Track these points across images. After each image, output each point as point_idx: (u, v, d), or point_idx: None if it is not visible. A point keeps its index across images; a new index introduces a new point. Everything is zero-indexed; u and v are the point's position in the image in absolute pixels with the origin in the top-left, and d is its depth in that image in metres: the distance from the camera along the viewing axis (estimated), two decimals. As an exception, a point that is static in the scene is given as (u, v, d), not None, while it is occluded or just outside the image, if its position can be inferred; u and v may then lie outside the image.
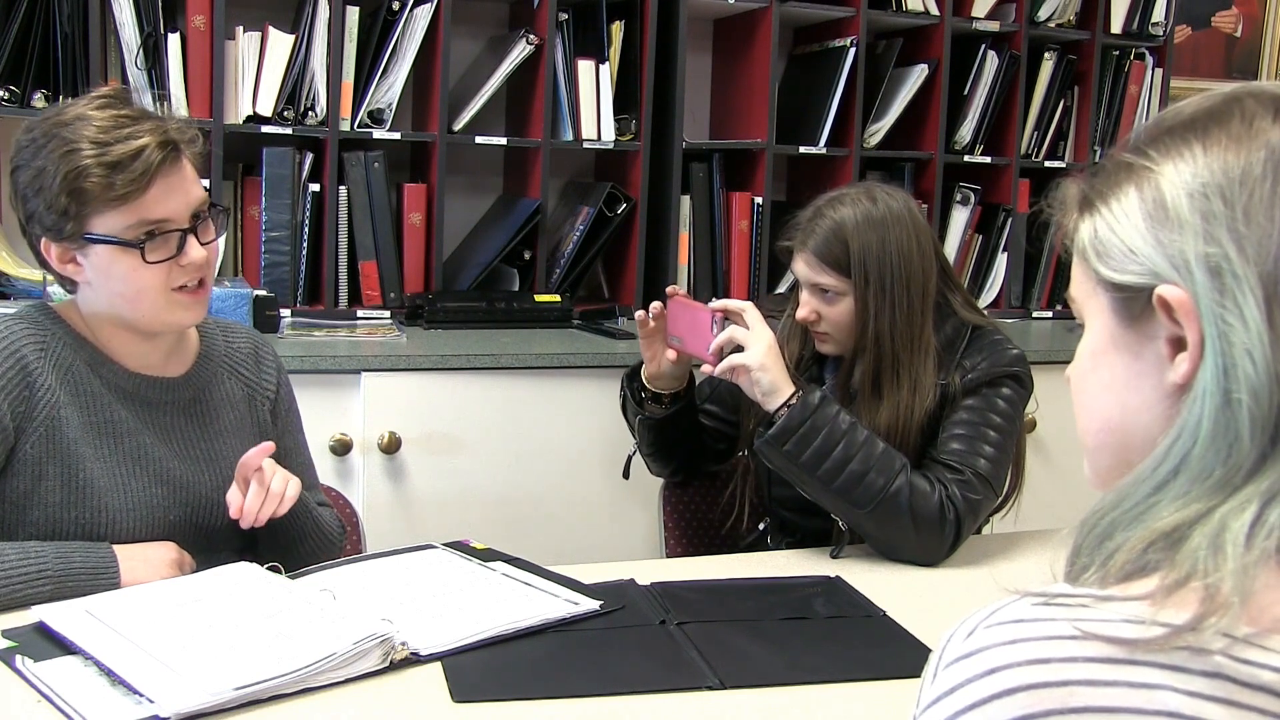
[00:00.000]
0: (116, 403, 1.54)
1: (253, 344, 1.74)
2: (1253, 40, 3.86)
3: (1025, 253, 3.32)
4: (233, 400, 1.67)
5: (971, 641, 0.65)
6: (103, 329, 1.55)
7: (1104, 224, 0.72)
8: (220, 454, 1.63)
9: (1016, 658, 0.63)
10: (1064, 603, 0.65)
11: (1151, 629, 0.61)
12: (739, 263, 3.06)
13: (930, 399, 1.82)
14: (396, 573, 1.57)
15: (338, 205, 2.74)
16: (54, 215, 1.45)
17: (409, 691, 1.27)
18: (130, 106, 1.50)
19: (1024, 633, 0.64)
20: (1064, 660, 0.62)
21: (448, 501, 2.44)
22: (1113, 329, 0.72)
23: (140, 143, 1.44)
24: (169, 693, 1.17)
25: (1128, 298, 0.70)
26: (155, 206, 1.46)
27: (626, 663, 1.35)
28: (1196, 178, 0.67)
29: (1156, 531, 0.65)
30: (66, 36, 2.51)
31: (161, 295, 1.49)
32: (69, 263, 1.50)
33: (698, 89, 3.22)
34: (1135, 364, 0.71)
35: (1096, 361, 0.75)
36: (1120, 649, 0.62)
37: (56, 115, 1.48)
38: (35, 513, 1.48)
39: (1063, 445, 2.87)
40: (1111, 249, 0.71)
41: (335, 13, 2.67)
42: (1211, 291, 0.65)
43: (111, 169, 1.42)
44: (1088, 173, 0.76)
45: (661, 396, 1.95)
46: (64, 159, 1.43)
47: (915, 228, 1.83)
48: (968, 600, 1.63)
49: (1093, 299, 0.74)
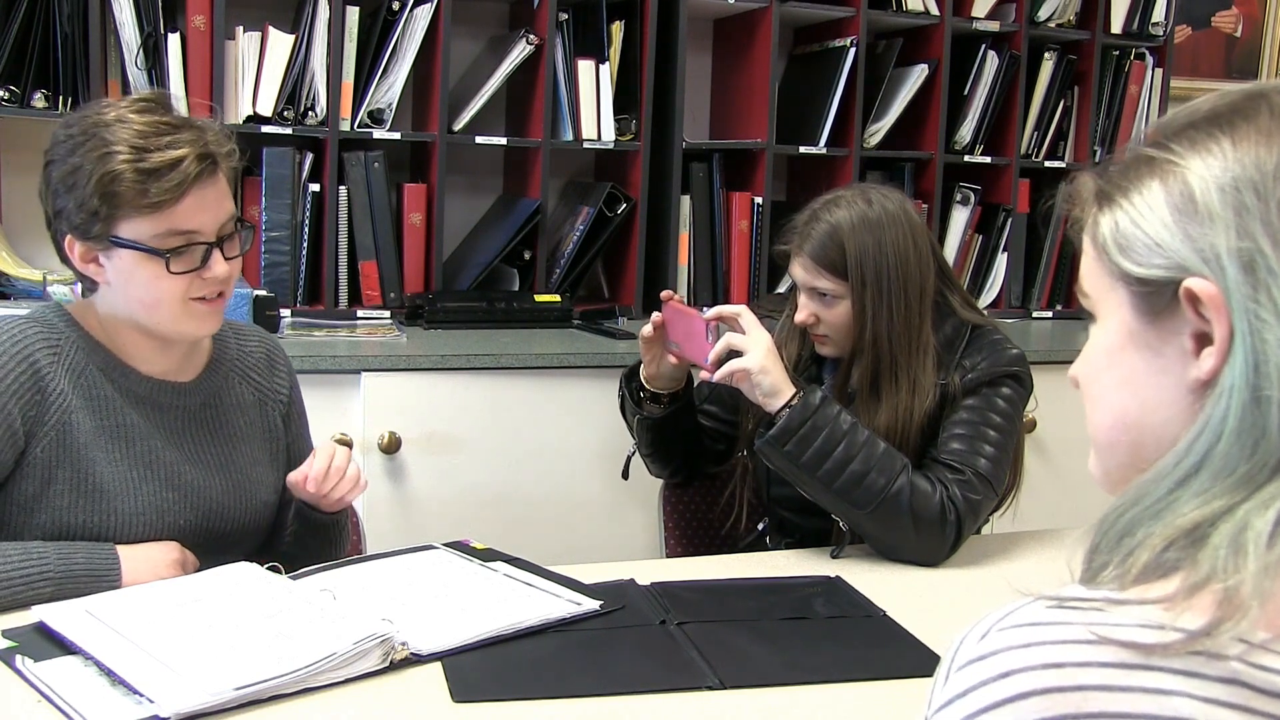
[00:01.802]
0: (128, 407, 1.54)
1: (265, 348, 1.73)
2: (1253, 40, 3.86)
3: (1025, 252, 3.33)
4: (244, 405, 1.67)
5: (985, 644, 0.65)
6: (118, 332, 1.54)
7: (1126, 217, 0.70)
8: (231, 459, 1.62)
9: (1031, 661, 0.62)
10: (1079, 606, 0.64)
11: (1167, 634, 0.61)
12: (739, 263, 3.06)
13: (930, 399, 1.82)
14: (397, 573, 1.57)
15: (338, 205, 2.74)
16: (83, 215, 1.45)
17: (409, 691, 1.27)
18: (171, 114, 1.49)
19: (1038, 636, 0.63)
20: (1079, 665, 0.61)
21: (448, 501, 2.44)
22: (1131, 324, 0.71)
23: (179, 153, 1.43)
24: (169, 693, 1.17)
25: (1150, 292, 0.69)
26: (186, 218, 1.45)
27: (626, 663, 1.35)
28: (1227, 171, 0.66)
29: (1177, 529, 0.64)
30: (66, 36, 2.51)
31: (179, 304, 1.49)
32: (91, 262, 1.49)
33: (698, 89, 3.22)
34: (1155, 360, 0.70)
35: (1112, 357, 0.73)
36: (1135, 654, 0.61)
37: (96, 114, 1.47)
38: (43, 516, 1.48)
39: (1063, 445, 2.87)
40: (1135, 242, 0.69)
41: (335, 13, 2.67)
42: (1244, 286, 0.64)
43: (147, 176, 1.42)
44: (1102, 166, 0.75)
45: (660, 396, 1.95)
46: (100, 160, 1.42)
47: (911, 228, 1.83)
48: (968, 600, 1.64)
49: (1110, 294, 0.72)
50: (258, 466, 1.66)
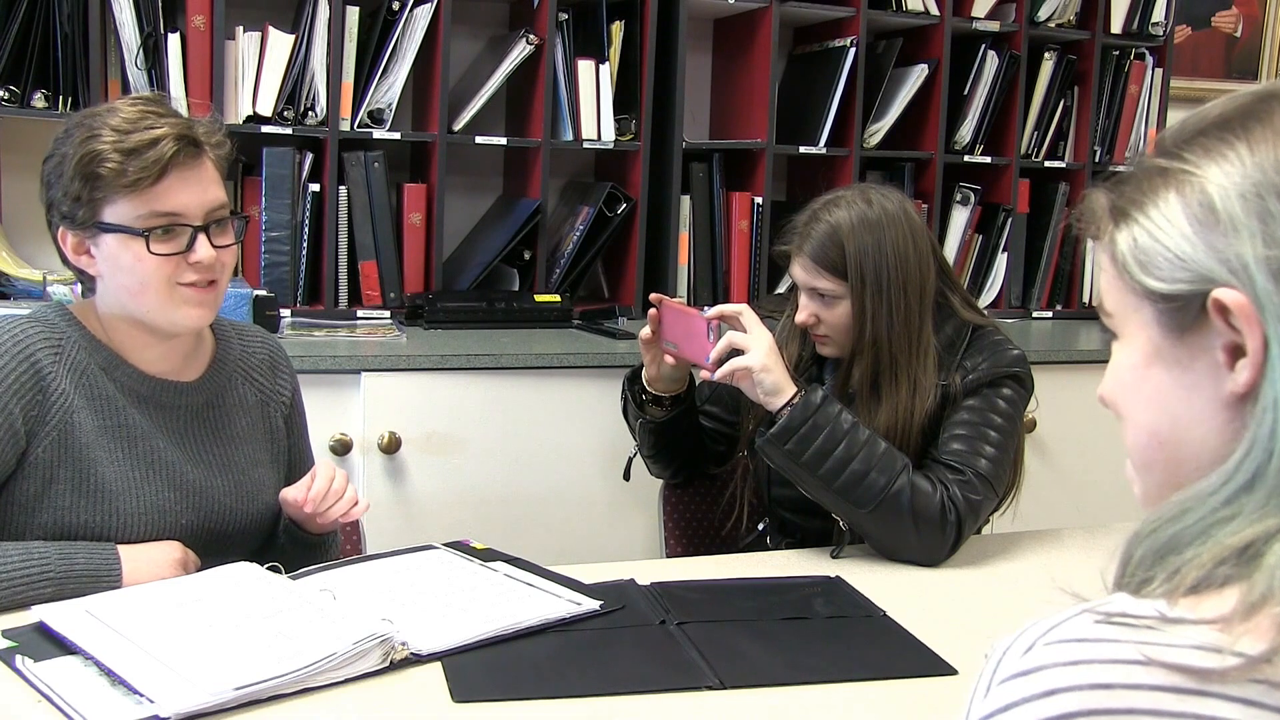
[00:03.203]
0: (130, 406, 1.54)
1: (268, 350, 1.73)
2: (1253, 40, 3.86)
3: (1025, 252, 3.33)
4: (246, 406, 1.67)
5: (1030, 659, 0.62)
6: (118, 330, 1.54)
7: (1144, 233, 0.68)
8: (233, 459, 1.62)
9: (1077, 681, 0.60)
10: (1128, 622, 0.62)
11: (1225, 659, 0.58)
12: (739, 263, 3.06)
13: (930, 399, 1.82)
14: (397, 573, 1.57)
15: (338, 205, 2.74)
16: (69, 201, 1.46)
17: (409, 691, 1.27)
18: (162, 105, 1.51)
19: (1086, 654, 0.61)
20: (1128, 687, 0.59)
21: (448, 501, 2.44)
22: (1158, 341, 0.69)
23: (158, 132, 1.44)
24: (169, 693, 1.17)
25: (1176, 307, 0.67)
26: (167, 198, 1.46)
27: (626, 663, 1.35)
28: (1247, 178, 0.64)
29: (1227, 547, 0.62)
30: (66, 36, 2.50)
31: (166, 289, 1.48)
32: (83, 254, 1.50)
33: (698, 89, 3.22)
34: (1185, 375, 0.68)
35: (1139, 375, 0.70)
36: (1189, 679, 0.58)
37: (92, 109, 1.50)
38: (44, 515, 1.48)
39: (1063, 445, 2.87)
40: (1156, 258, 0.67)
41: (335, 13, 2.67)
42: (1275, 295, 0.62)
43: (126, 155, 1.43)
44: (1113, 181, 0.72)
45: (662, 399, 1.95)
46: (83, 143, 1.44)
47: (911, 228, 1.83)
48: (968, 600, 1.64)
49: (1134, 312, 0.70)
50: (259, 467, 1.66)
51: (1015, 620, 0.66)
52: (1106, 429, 3.31)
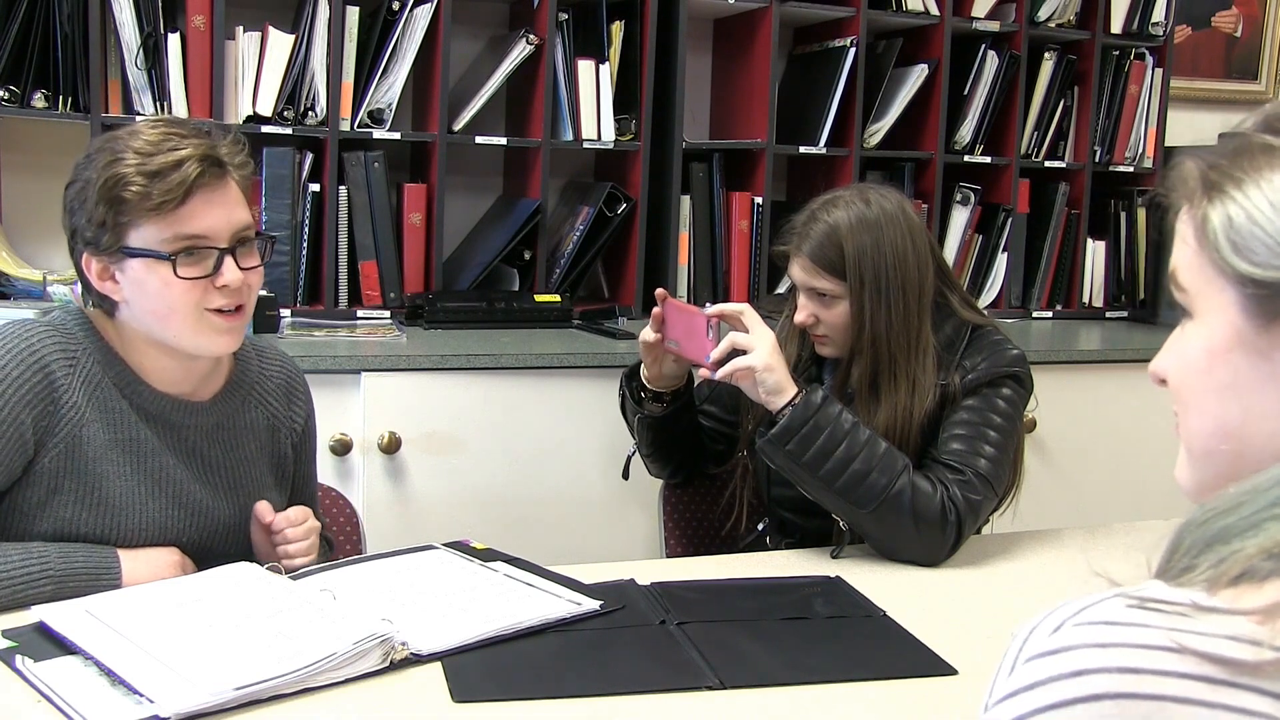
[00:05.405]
0: (140, 422, 1.52)
1: (286, 374, 1.72)
2: (1253, 40, 3.86)
3: (1025, 252, 3.33)
4: (256, 429, 1.65)
5: (1058, 638, 0.61)
6: (136, 348, 1.52)
7: (1241, 212, 0.65)
8: (240, 481, 1.62)
9: (1107, 663, 0.59)
10: (1161, 609, 0.60)
11: (1263, 651, 0.57)
12: (739, 263, 3.06)
13: (930, 399, 1.82)
14: (397, 573, 1.57)
15: (338, 205, 2.74)
16: (93, 227, 1.44)
17: (409, 691, 1.27)
18: (184, 126, 1.49)
19: (1116, 637, 0.59)
20: (1158, 673, 0.58)
21: (448, 501, 2.44)
22: (1240, 326, 0.65)
23: (182, 154, 1.42)
24: (169, 693, 1.17)
25: (1267, 295, 0.64)
26: (192, 220, 1.44)
27: (626, 663, 1.35)
28: None
29: (1277, 542, 0.60)
30: (66, 36, 2.51)
31: (194, 314, 1.47)
32: (108, 280, 1.48)
33: (698, 89, 3.22)
34: (1264, 365, 0.65)
35: (1214, 360, 0.67)
36: (1220, 669, 0.57)
37: (113, 133, 1.48)
38: (46, 524, 1.47)
39: (1062, 445, 2.87)
40: (1253, 241, 0.64)
41: (335, 13, 2.67)
42: None
43: (150, 178, 1.41)
44: (1208, 151, 0.68)
45: (661, 395, 1.95)
46: (107, 167, 1.42)
47: (909, 228, 1.83)
48: (968, 600, 1.64)
49: (1218, 294, 0.66)
50: (265, 490, 1.65)
51: (1015, 620, 0.65)
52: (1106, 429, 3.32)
